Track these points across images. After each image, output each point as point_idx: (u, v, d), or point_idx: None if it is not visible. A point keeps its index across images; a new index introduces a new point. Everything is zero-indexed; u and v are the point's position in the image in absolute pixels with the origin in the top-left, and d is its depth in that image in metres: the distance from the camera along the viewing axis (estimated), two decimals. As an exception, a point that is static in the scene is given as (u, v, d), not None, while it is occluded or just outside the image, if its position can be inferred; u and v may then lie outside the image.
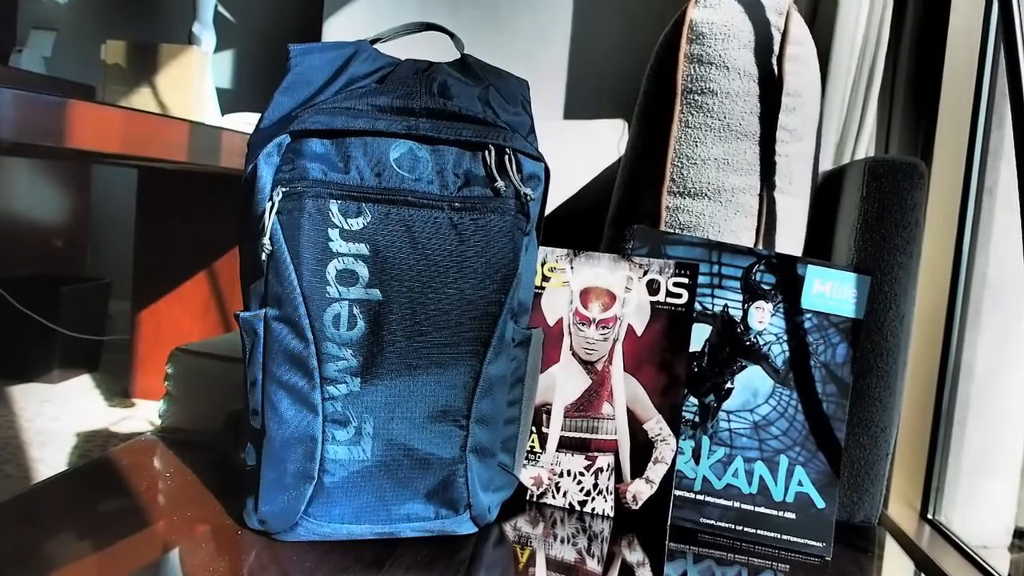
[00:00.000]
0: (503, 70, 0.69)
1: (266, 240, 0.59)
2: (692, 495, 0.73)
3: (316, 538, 0.62)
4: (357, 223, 0.60)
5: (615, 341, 0.72)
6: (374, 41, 0.68)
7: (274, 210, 0.59)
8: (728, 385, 0.73)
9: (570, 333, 0.73)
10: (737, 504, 0.72)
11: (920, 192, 0.76)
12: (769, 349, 0.72)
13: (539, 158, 0.65)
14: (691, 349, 0.73)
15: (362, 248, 0.60)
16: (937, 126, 0.91)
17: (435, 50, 0.68)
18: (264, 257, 0.60)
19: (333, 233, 0.59)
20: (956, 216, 0.89)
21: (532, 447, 0.74)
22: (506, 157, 0.62)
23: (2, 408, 1.94)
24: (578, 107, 1.39)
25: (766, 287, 0.72)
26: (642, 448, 0.72)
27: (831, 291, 0.72)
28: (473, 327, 0.62)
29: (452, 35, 0.69)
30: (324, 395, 0.61)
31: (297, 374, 0.61)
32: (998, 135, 0.88)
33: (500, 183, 0.62)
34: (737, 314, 0.73)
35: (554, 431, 0.74)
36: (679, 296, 0.71)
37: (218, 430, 0.86)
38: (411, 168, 0.61)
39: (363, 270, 0.60)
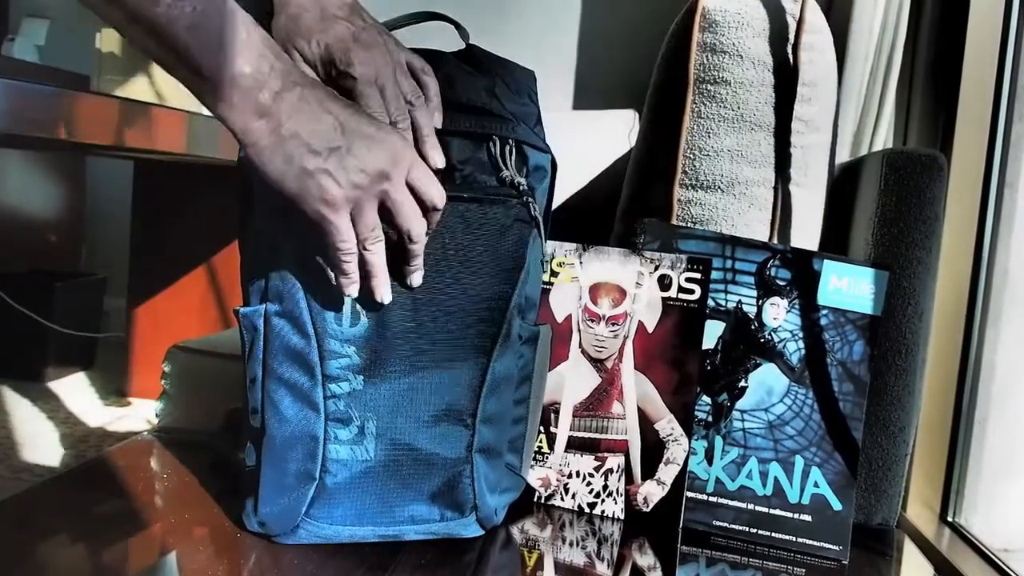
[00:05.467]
0: (509, 60, 0.68)
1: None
2: (705, 497, 0.72)
3: (317, 541, 0.61)
4: None
5: (625, 338, 0.71)
6: (377, 29, 0.66)
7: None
8: (742, 383, 0.72)
9: (579, 330, 0.72)
10: (751, 506, 0.71)
11: (940, 185, 0.75)
12: (784, 346, 0.71)
13: (546, 150, 0.65)
14: (704, 346, 0.71)
15: (365, 241, 0.58)
16: (957, 117, 0.91)
17: (440, 39, 0.67)
18: (265, 251, 0.58)
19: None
20: (977, 210, 0.88)
21: (540, 447, 0.73)
22: (508, 148, 0.61)
23: (-4, 406, 1.92)
24: (588, 97, 1.39)
25: (781, 283, 0.71)
26: (653, 448, 0.71)
27: (848, 287, 0.71)
28: (479, 323, 0.61)
29: (457, 25, 0.68)
30: (326, 393, 0.59)
31: (298, 371, 0.59)
32: (1020, 127, 0.87)
33: (505, 174, 0.61)
34: (751, 310, 0.72)
35: (563, 431, 0.72)
36: (691, 292, 0.70)
37: (216, 429, 0.85)
38: (414, 159, 0.59)
39: (366, 264, 0.58)
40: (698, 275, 0.70)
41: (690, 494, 0.71)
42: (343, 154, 0.53)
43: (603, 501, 0.72)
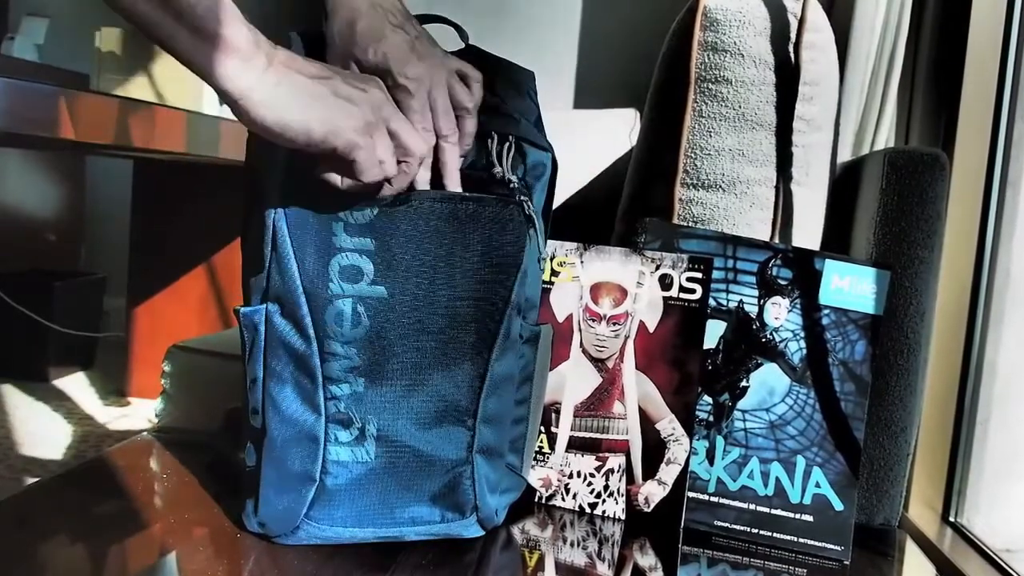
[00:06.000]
0: (509, 60, 0.68)
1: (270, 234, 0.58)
2: (706, 497, 0.71)
3: (318, 542, 0.61)
4: (364, 216, 0.58)
5: (626, 338, 0.71)
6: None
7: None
8: (743, 383, 0.72)
9: (580, 330, 0.72)
10: (753, 506, 0.71)
11: (942, 184, 0.75)
12: (786, 346, 0.71)
13: (546, 147, 0.65)
14: (705, 346, 0.71)
15: (367, 243, 0.58)
16: (959, 116, 0.90)
17: (441, 38, 0.67)
18: (268, 251, 0.58)
19: (338, 227, 0.58)
20: (979, 209, 0.88)
21: (541, 447, 0.73)
22: (507, 145, 0.62)
23: (-5, 406, 1.92)
24: (588, 97, 1.39)
25: (783, 282, 0.71)
26: (654, 448, 0.70)
27: (850, 286, 0.71)
28: (477, 323, 0.60)
29: (457, 26, 0.68)
30: (327, 395, 0.59)
31: (299, 372, 0.59)
32: (1022, 126, 0.87)
33: (503, 172, 0.61)
34: (753, 310, 0.72)
35: (563, 431, 0.72)
36: (693, 291, 0.70)
37: (216, 429, 0.85)
38: (415, 157, 0.59)
39: (367, 265, 0.58)
40: (699, 275, 0.70)
41: (691, 494, 0.71)
42: (341, 81, 0.54)
43: (604, 501, 0.72)
